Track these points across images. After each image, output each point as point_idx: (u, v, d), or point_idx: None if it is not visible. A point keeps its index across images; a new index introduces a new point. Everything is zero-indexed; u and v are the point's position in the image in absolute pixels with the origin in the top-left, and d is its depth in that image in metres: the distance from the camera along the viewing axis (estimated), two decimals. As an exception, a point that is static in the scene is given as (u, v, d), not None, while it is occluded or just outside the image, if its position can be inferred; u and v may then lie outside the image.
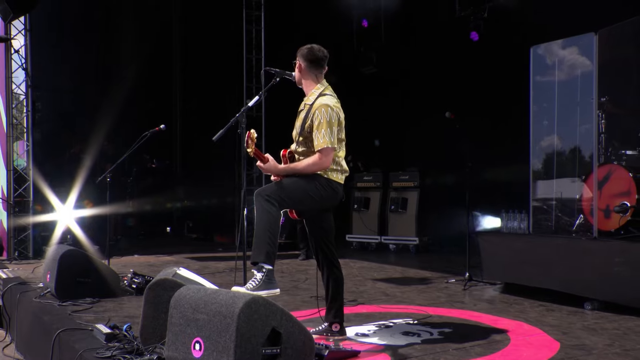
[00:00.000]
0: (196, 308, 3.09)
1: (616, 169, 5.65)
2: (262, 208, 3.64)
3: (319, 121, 3.81)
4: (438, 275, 6.97)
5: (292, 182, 3.80)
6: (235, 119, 3.80)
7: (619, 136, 6.25)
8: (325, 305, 4.11)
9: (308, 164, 3.82)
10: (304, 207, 3.91)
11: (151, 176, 13.11)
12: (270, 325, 2.96)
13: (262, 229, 3.62)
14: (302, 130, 3.90)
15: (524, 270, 5.64)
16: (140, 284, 5.81)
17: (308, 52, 3.98)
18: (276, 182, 3.84)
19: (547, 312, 4.96)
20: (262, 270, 3.57)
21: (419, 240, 9.46)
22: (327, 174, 3.87)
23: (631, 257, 4.84)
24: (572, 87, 6.04)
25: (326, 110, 3.83)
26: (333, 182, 3.89)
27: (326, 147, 3.78)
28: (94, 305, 5.17)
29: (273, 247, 3.63)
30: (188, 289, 3.28)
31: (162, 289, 3.68)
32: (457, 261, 8.35)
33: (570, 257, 5.30)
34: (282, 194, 3.71)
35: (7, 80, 8.52)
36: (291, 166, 3.88)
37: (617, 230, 5.51)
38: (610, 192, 5.60)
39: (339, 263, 4.12)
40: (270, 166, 3.87)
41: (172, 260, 8.72)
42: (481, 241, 6.14)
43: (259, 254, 3.60)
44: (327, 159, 3.80)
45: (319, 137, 3.79)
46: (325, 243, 4.06)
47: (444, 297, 5.63)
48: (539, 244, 5.68)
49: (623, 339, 4.02)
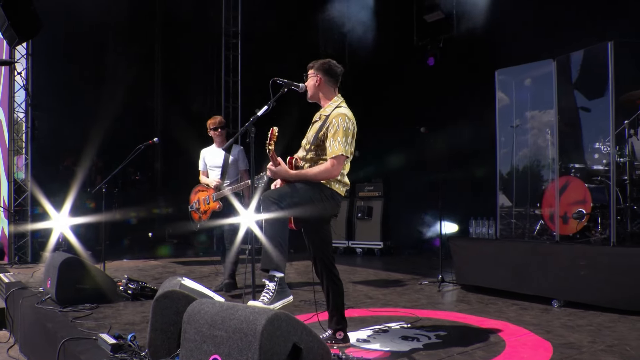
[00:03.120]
0: (213, 324, 2.56)
1: (572, 179, 5.38)
2: (270, 212, 3.13)
3: (335, 129, 3.34)
4: (409, 277, 6.56)
5: (299, 188, 3.29)
6: (244, 128, 3.28)
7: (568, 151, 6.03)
8: (321, 310, 3.64)
9: (320, 171, 3.33)
10: (306, 215, 3.37)
11: (135, 187, 12.50)
12: (291, 340, 2.46)
13: (270, 234, 3.12)
14: (315, 139, 3.41)
15: (494, 273, 5.29)
16: (135, 289, 5.21)
17: (328, 66, 3.53)
18: (282, 187, 3.34)
19: (523, 310, 4.60)
20: (274, 279, 3.07)
21: (383, 244, 9.10)
22: (331, 184, 3.40)
23: (592, 260, 4.57)
24: (533, 107, 5.78)
25: (343, 119, 3.38)
26: (336, 194, 3.43)
27: (341, 154, 3.32)
28: (93, 311, 4.56)
29: (283, 253, 3.13)
30: (202, 303, 2.73)
31: (169, 301, 3.11)
32: (419, 263, 8.04)
33: (537, 260, 4.98)
34: (289, 198, 3.20)
35: (10, 100, 8.11)
36: (302, 172, 3.37)
37: (574, 234, 5.23)
38: (568, 201, 5.32)
39: (338, 272, 3.64)
40: (281, 170, 3.35)
41: (159, 265, 8.05)
42: (453, 246, 5.76)
43: (270, 261, 3.10)
44: (339, 167, 3.34)
45: (334, 145, 3.32)
46: (324, 253, 3.58)
47: (424, 299, 5.21)
48: (507, 248, 5.34)
49: (601, 335, 3.71)
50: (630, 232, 4.86)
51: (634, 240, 4.82)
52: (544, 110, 6.20)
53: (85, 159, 9.96)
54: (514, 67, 5.72)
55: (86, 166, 10.04)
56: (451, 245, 5.80)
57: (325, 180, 3.36)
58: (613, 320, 4.12)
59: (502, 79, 5.89)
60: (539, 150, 6.29)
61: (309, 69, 3.54)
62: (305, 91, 3.57)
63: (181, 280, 3.39)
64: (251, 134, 3.30)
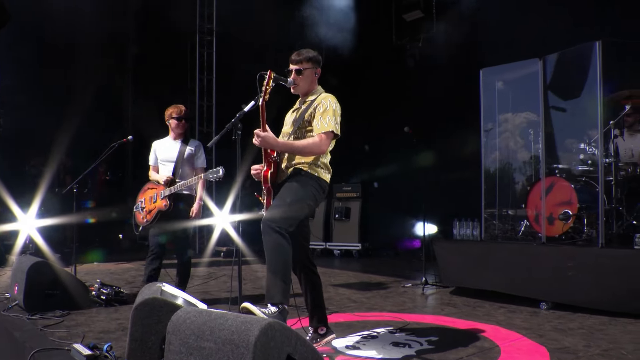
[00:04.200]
0: (200, 335, 2.37)
1: (558, 180, 5.33)
2: (274, 242, 2.93)
3: (324, 108, 3.21)
4: (391, 280, 6.44)
5: (295, 199, 3.08)
6: (230, 124, 3.08)
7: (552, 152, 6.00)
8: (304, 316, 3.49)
9: (308, 144, 3.16)
10: (302, 217, 3.24)
11: (105, 187, 12.11)
12: (285, 352, 2.28)
13: (275, 266, 2.93)
14: (300, 121, 3.26)
15: (480, 275, 5.21)
16: (109, 295, 4.96)
17: (320, 58, 3.42)
18: (280, 204, 3.08)
19: (511, 313, 4.52)
20: (278, 307, 2.88)
21: (361, 246, 8.98)
22: (320, 173, 3.24)
23: (579, 261, 4.52)
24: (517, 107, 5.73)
25: (333, 100, 3.27)
26: (325, 183, 3.29)
27: (330, 130, 3.17)
28: (64, 318, 4.29)
29: (287, 284, 2.95)
30: (187, 312, 2.54)
31: (150, 309, 2.90)
32: (399, 265, 7.94)
33: (524, 261, 4.91)
34: (290, 219, 3.02)
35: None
36: (289, 143, 3.19)
37: (560, 236, 5.19)
38: (554, 202, 5.27)
39: (316, 267, 3.49)
40: (269, 137, 3.12)
41: (132, 268, 7.76)
42: (437, 248, 5.66)
43: (275, 294, 2.90)
44: (326, 144, 3.19)
45: (322, 122, 3.18)
46: (304, 249, 3.41)
47: (409, 302, 5.08)
48: (493, 250, 5.26)
49: (595, 339, 3.63)
50: (616, 233, 4.83)
51: (620, 242, 4.79)
52: (516, 113, 6.18)
53: (54, 159, 9.59)
54: (499, 66, 5.65)
55: (54, 166, 9.67)
56: (435, 247, 5.70)
57: (312, 155, 3.21)
58: (604, 323, 4.06)
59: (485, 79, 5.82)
60: (510, 153, 6.27)
61: (304, 61, 3.36)
62: (293, 85, 3.39)
63: (162, 286, 3.18)
64: (237, 131, 3.11)
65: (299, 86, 3.38)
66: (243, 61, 10.74)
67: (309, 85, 3.38)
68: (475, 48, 7.32)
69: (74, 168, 10.37)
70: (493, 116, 5.86)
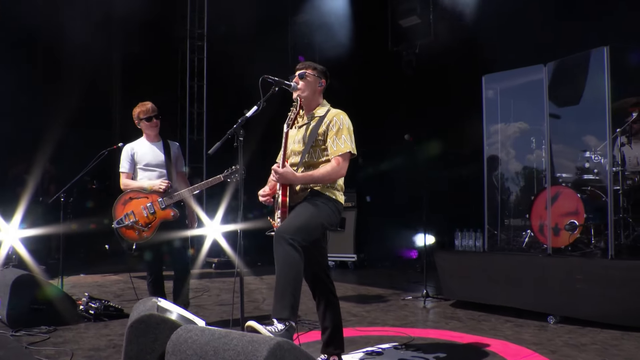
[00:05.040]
0: (203, 355, 2.25)
1: (564, 189, 5.26)
2: (286, 253, 2.81)
3: (338, 127, 3.14)
4: (390, 292, 6.33)
5: (310, 216, 2.98)
6: (232, 130, 2.96)
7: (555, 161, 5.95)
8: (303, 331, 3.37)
9: (327, 172, 3.08)
10: (318, 236, 3.14)
11: (91, 196, 11.89)
12: (295, 373, 2.18)
13: (285, 278, 2.80)
14: (312, 139, 3.15)
15: (484, 287, 5.12)
16: (98, 309, 4.80)
17: (328, 74, 3.37)
18: (294, 218, 2.98)
19: (519, 328, 4.43)
20: (285, 323, 2.74)
21: (357, 257, 8.85)
22: (337, 195, 3.16)
23: (588, 273, 4.44)
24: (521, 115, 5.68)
25: (345, 117, 3.21)
26: (341, 206, 3.22)
27: (348, 152, 3.10)
28: (50, 335, 4.14)
29: (297, 298, 2.82)
30: (188, 330, 2.42)
31: (146, 326, 2.77)
32: (396, 277, 7.83)
33: (530, 274, 4.83)
34: (304, 233, 2.91)
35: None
36: (309, 174, 3.08)
37: (566, 247, 5.11)
38: (559, 212, 5.20)
39: (335, 288, 3.38)
40: (288, 173, 3.03)
41: (120, 280, 7.58)
42: (438, 259, 5.56)
43: (283, 309, 2.76)
44: (345, 167, 3.11)
45: (338, 143, 3.10)
46: (323, 269, 3.30)
47: (411, 316, 4.98)
48: (497, 262, 5.17)
49: (610, 355, 3.57)
50: (624, 244, 4.77)
51: (630, 252, 4.72)
52: (509, 123, 6.13)
53: (37, 166, 9.33)
54: (502, 72, 5.59)
55: (38, 174, 9.40)
56: (436, 259, 5.60)
57: (333, 181, 3.14)
58: (617, 338, 3.98)
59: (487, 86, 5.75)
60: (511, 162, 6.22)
61: (309, 68, 3.29)
62: (296, 89, 3.30)
63: (157, 302, 3.04)
64: (239, 138, 2.99)
65: (302, 91, 3.28)
66: (235, 67, 10.67)
67: (312, 95, 3.28)
68: (475, 54, 7.27)
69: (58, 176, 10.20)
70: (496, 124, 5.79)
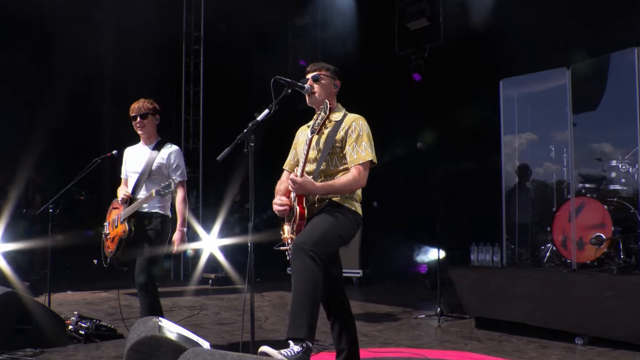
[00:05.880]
0: (215, 381, 2.10)
1: (589, 200, 5.14)
2: (305, 267, 2.67)
3: (357, 133, 3.01)
4: (400, 310, 6.18)
5: (329, 228, 2.85)
6: (242, 135, 2.82)
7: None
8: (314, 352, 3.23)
9: (348, 181, 2.94)
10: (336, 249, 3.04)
11: (78, 208, 11.69)
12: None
13: (303, 294, 2.65)
14: (329, 146, 3.02)
15: (504, 305, 4.96)
16: (88, 329, 4.64)
17: (338, 71, 3.26)
18: (313, 229, 2.85)
19: (544, 349, 4.28)
20: (302, 344, 2.58)
21: (362, 272, 8.70)
22: (356, 207, 3.04)
23: (618, 290, 4.30)
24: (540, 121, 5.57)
25: (364, 122, 3.08)
26: (360, 218, 3.09)
27: (369, 160, 2.98)
28: (36, 358, 3.99)
29: (315, 317, 2.66)
30: (196, 354, 2.27)
31: (148, 349, 2.62)
32: (405, 293, 7.69)
33: (554, 291, 4.68)
34: (325, 245, 2.77)
35: None
36: (329, 184, 2.95)
37: (592, 262, 4.97)
38: (584, 224, 5.07)
39: (350, 307, 3.23)
40: (307, 182, 2.89)
41: (110, 297, 7.40)
42: (454, 276, 5.40)
43: (299, 328, 2.60)
44: (365, 176, 2.99)
45: (358, 150, 2.97)
46: (338, 284, 3.16)
47: (426, 336, 4.83)
48: (518, 278, 5.02)
49: (647, 382, 3.40)
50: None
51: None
52: (526, 131, 6.03)
53: (21, 176, 9.14)
54: (521, 76, 5.48)
55: (22, 184, 9.21)
56: (451, 275, 5.45)
57: (353, 191, 3.02)
58: (653, 361, 3.84)
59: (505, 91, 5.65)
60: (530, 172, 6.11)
61: (322, 69, 3.18)
62: (310, 93, 3.18)
63: (158, 321, 2.89)
64: (250, 143, 2.86)
65: (317, 95, 3.16)
66: (233, 72, 10.58)
67: (327, 97, 3.15)
68: (489, 58, 7.19)
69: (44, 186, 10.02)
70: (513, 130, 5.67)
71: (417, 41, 8.59)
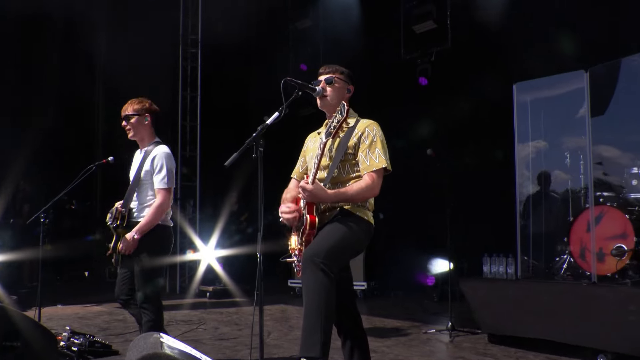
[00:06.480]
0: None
1: (608, 210, 5.04)
2: (317, 280, 2.60)
3: (371, 140, 2.94)
4: (408, 325, 6.05)
5: (341, 238, 2.79)
6: (251, 139, 2.73)
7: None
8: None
9: (361, 188, 2.86)
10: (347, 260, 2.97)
11: (69, 218, 11.54)
12: None
13: (316, 309, 2.57)
14: (343, 153, 2.93)
15: (520, 320, 4.84)
16: (82, 345, 4.51)
17: (352, 76, 3.21)
18: (324, 239, 2.77)
19: (565, 368, 4.16)
20: None
21: (367, 285, 8.56)
22: (368, 216, 2.94)
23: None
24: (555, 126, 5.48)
25: (377, 128, 3.02)
26: (372, 228, 3.01)
27: (383, 167, 2.90)
28: (25, 378, 3.81)
29: (329, 334, 2.58)
30: (204, 373, 2.14)
31: (149, 368, 2.48)
32: (412, 307, 7.56)
33: (574, 304, 4.56)
34: (337, 257, 2.71)
35: None
36: (341, 191, 2.87)
37: (613, 274, 4.86)
38: (604, 235, 4.96)
39: (362, 322, 3.13)
40: (319, 189, 2.81)
41: (103, 311, 7.24)
42: (466, 288, 5.29)
43: (313, 346, 2.52)
44: (379, 184, 2.92)
45: (372, 157, 2.89)
46: (349, 297, 3.06)
47: (438, 352, 4.71)
48: (535, 291, 4.90)
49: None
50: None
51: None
52: (541, 137, 5.95)
53: (8, 184, 8.98)
54: (536, 79, 5.39)
55: (9, 192, 9.11)
56: (463, 287, 5.33)
57: (366, 199, 2.95)
58: (684, 380, 3.72)
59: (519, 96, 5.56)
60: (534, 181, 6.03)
61: (336, 72, 3.12)
62: (321, 95, 3.09)
63: (161, 338, 2.75)
64: (259, 148, 2.75)
65: (328, 98, 3.09)
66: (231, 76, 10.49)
67: (339, 102, 3.04)
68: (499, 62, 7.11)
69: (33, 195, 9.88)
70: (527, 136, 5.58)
71: (424, 45, 8.50)
